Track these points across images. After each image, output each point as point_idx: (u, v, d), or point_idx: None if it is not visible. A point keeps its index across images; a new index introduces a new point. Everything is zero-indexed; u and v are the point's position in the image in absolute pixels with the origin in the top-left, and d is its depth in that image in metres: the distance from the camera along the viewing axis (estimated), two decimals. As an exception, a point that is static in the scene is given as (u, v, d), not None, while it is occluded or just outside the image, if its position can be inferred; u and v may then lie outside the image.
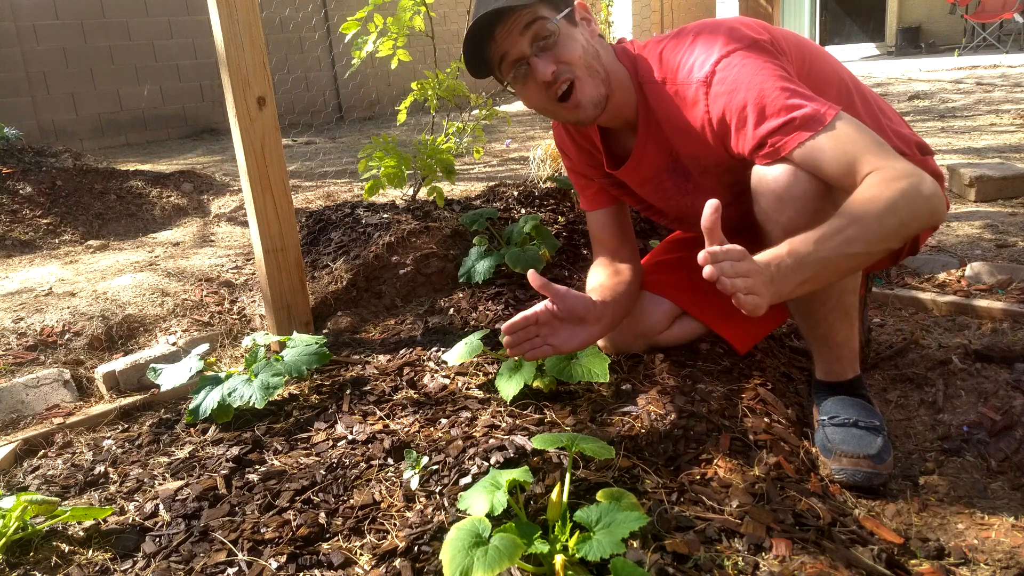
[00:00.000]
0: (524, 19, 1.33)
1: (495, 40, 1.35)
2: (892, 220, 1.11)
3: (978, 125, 4.93)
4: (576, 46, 1.35)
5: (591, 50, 1.38)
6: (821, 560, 1.03)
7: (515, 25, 1.33)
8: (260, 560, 1.10)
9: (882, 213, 1.11)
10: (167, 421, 1.69)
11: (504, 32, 1.34)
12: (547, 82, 1.35)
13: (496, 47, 1.36)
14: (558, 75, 1.34)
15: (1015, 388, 1.57)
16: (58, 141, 7.03)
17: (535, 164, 3.19)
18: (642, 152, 1.48)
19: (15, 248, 3.48)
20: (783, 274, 1.09)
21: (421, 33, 2.60)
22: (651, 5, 6.90)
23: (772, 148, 1.24)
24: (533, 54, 1.34)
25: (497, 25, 1.33)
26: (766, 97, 1.24)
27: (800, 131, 1.21)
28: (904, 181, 1.13)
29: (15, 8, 7.07)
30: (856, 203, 1.13)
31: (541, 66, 1.34)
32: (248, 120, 1.82)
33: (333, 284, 2.18)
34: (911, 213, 1.13)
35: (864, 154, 1.18)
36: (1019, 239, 2.58)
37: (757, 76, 1.26)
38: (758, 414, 1.44)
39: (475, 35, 1.35)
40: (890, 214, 1.11)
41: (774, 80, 1.25)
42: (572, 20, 1.37)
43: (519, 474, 1.03)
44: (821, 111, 1.21)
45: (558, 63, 1.34)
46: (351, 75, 8.42)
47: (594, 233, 1.69)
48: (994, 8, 10.31)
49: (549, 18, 1.33)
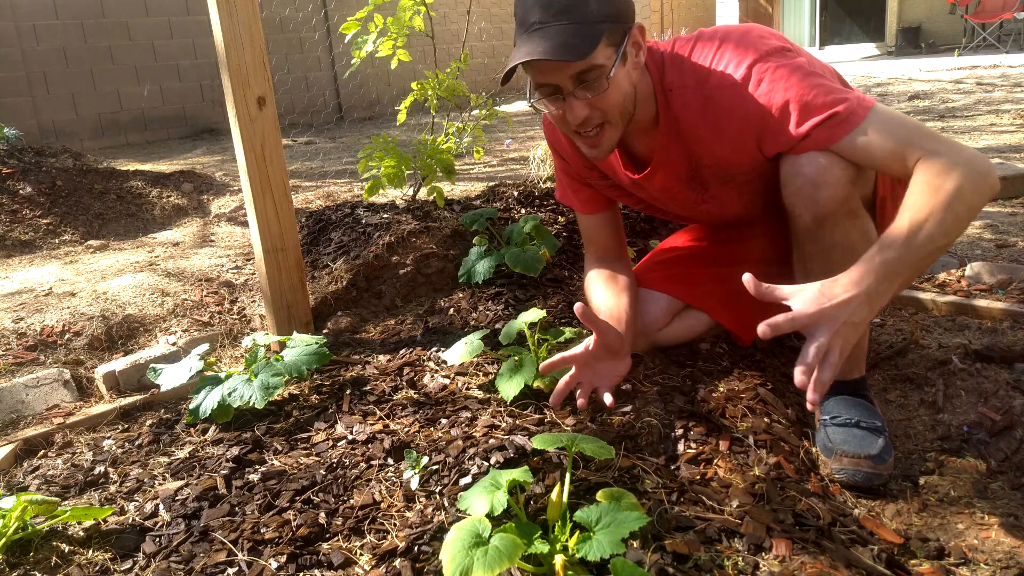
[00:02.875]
0: (582, 67, 1.24)
1: (542, 72, 1.27)
2: (961, 207, 1.14)
3: (978, 125, 4.93)
4: (619, 94, 1.29)
5: (630, 94, 1.32)
6: (821, 560, 1.03)
7: (569, 67, 1.24)
8: (260, 560, 1.10)
9: (951, 201, 1.13)
10: (167, 421, 1.69)
11: (554, 68, 1.25)
12: (578, 123, 1.31)
13: (540, 76, 1.29)
14: (590, 121, 1.30)
15: (1015, 388, 1.57)
16: (58, 141, 7.03)
17: (535, 164, 3.19)
18: (662, 160, 1.45)
19: (15, 248, 3.48)
20: (880, 284, 1.11)
21: (421, 33, 2.60)
22: (651, 5, 6.89)
23: (816, 142, 1.26)
24: (571, 91, 1.27)
25: (548, 63, 1.24)
26: (807, 95, 1.25)
27: (845, 124, 1.23)
28: (961, 167, 1.15)
29: (15, 8, 7.07)
30: (923, 196, 1.14)
31: (578, 109, 1.28)
32: (248, 120, 1.82)
33: (333, 284, 2.18)
34: (976, 195, 1.15)
35: (911, 139, 1.20)
36: (1019, 239, 2.58)
37: (794, 75, 1.27)
38: (758, 414, 1.44)
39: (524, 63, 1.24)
40: (958, 201, 1.13)
41: (811, 79, 1.26)
42: (624, 59, 1.29)
43: (519, 474, 1.03)
44: (863, 102, 1.24)
45: (594, 109, 1.29)
46: (351, 75, 8.42)
47: (588, 235, 1.69)
48: (994, 8, 10.32)
49: (606, 67, 1.25)
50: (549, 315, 1.83)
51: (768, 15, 2.43)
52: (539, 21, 1.22)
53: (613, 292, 1.57)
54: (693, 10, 12.04)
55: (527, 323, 1.53)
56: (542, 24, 1.22)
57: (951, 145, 1.19)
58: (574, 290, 2.05)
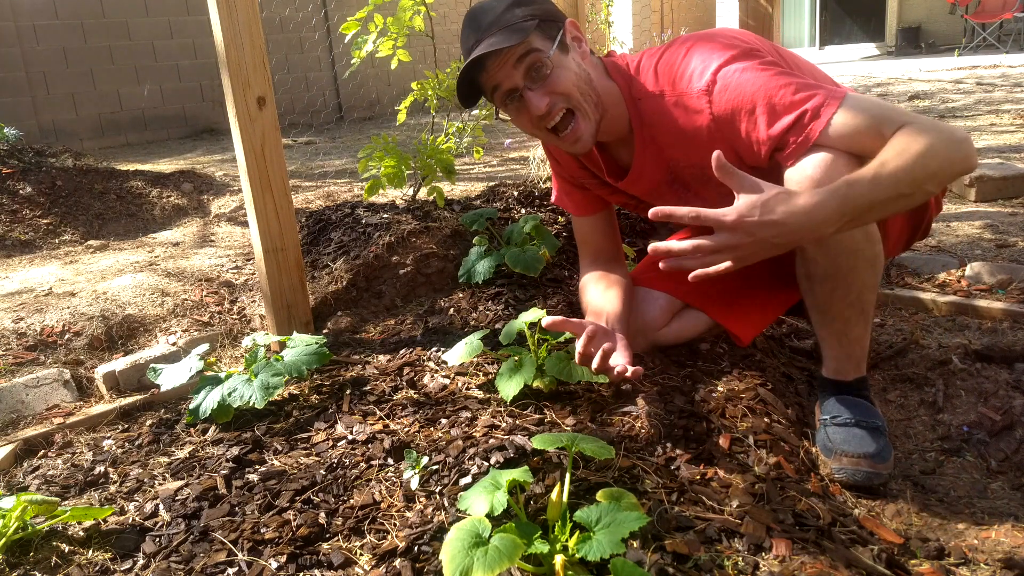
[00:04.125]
0: (518, 52, 1.33)
1: (487, 71, 1.36)
2: (932, 162, 1.14)
3: (978, 125, 4.93)
4: (569, 75, 1.35)
5: (583, 75, 1.37)
6: (821, 560, 1.03)
7: (509, 58, 1.33)
8: (260, 560, 1.10)
9: (923, 152, 1.13)
10: (167, 421, 1.69)
11: (497, 65, 1.34)
12: (541, 115, 1.36)
13: (488, 77, 1.37)
14: (552, 106, 1.35)
15: (1015, 388, 1.57)
16: (58, 141, 7.03)
17: (535, 164, 3.19)
18: (640, 168, 1.48)
19: (15, 248, 3.48)
20: (832, 215, 1.11)
21: (421, 33, 2.60)
22: (651, 5, 6.90)
23: (794, 146, 1.25)
24: (526, 86, 1.35)
25: (490, 59, 1.34)
26: (773, 96, 1.24)
27: (816, 120, 1.23)
28: (935, 129, 1.16)
29: (15, 8, 7.07)
30: (895, 147, 1.15)
31: (535, 100, 1.34)
32: (248, 120, 1.82)
33: (333, 284, 2.18)
34: (947, 155, 1.15)
35: (885, 115, 1.20)
36: (1019, 239, 2.58)
37: (759, 77, 1.26)
38: (758, 414, 1.44)
39: (468, 67, 1.35)
40: (930, 155, 1.14)
41: (777, 78, 1.26)
42: (564, 47, 1.37)
43: (519, 474, 1.03)
44: (834, 93, 1.23)
45: (551, 94, 1.34)
46: (351, 75, 8.41)
47: (583, 238, 1.69)
48: (994, 8, 10.32)
49: (544, 51, 1.33)
50: (549, 315, 1.82)
51: (768, 15, 2.43)
52: (475, 41, 1.34)
53: (602, 288, 1.58)
54: (693, 10, 12.05)
55: (527, 323, 1.53)
56: (477, 41, 1.34)
57: (928, 119, 1.20)
58: (574, 290, 2.05)
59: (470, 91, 1.41)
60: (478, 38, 1.34)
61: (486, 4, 1.37)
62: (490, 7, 1.36)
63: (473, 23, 1.37)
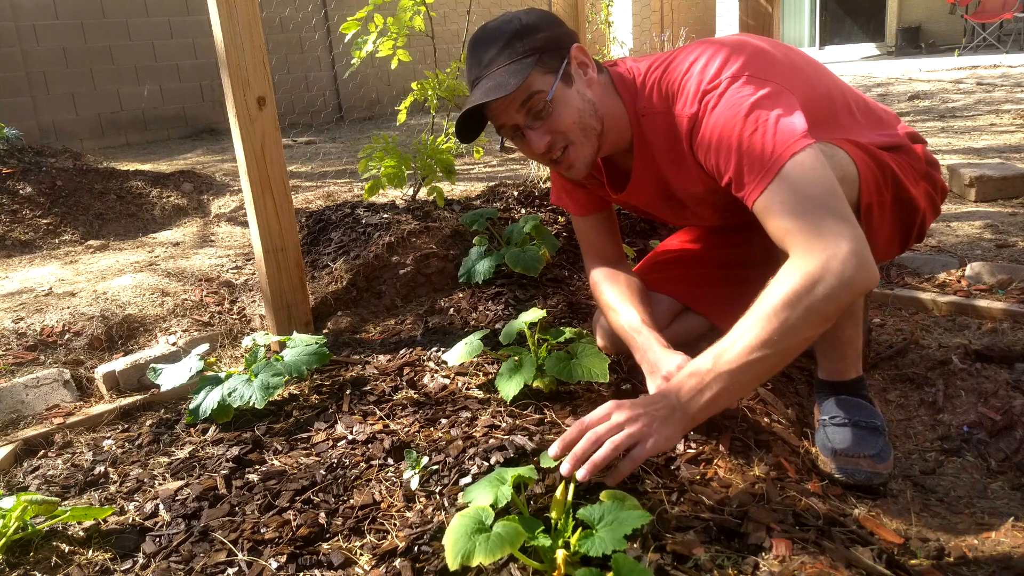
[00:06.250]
0: (519, 99, 1.31)
1: (490, 111, 1.36)
2: (806, 323, 1.09)
3: (978, 125, 4.93)
4: (571, 112, 1.33)
5: (586, 108, 1.35)
6: (821, 560, 1.03)
7: (510, 105, 1.32)
8: (260, 560, 1.10)
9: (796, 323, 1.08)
10: (167, 421, 1.69)
11: (499, 109, 1.34)
12: (541, 153, 1.36)
13: (491, 115, 1.37)
14: (552, 145, 1.35)
15: (1015, 388, 1.57)
16: (58, 141, 7.02)
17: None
18: (639, 182, 1.48)
19: (15, 248, 3.48)
20: (689, 396, 1.11)
21: (421, 33, 2.61)
22: (651, 5, 6.90)
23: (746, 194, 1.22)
24: (527, 125, 1.34)
25: (489, 104, 1.33)
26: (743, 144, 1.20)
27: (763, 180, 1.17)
28: (823, 277, 1.08)
29: (15, 8, 7.07)
30: (759, 307, 1.12)
31: (536, 139, 1.34)
32: (248, 120, 1.82)
33: (333, 284, 2.18)
34: (831, 304, 1.09)
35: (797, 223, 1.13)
36: (1019, 239, 2.58)
37: (736, 116, 1.21)
38: (758, 414, 1.44)
39: (467, 112, 1.34)
40: (804, 321, 1.09)
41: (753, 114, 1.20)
42: (568, 78, 1.33)
43: (524, 471, 1.03)
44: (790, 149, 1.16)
45: (552, 133, 1.34)
46: (351, 75, 8.42)
47: (587, 238, 1.69)
48: (994, 8, 10.31)
49: (545, 92, 1.30)
50: (549, 315, 1.83)
51: (768, 15, 2.43)
52: (477, 76, 1.33)
53: (621, 291, 1.55)
54: (693, 10, 12.05)
55: (527, 323, 1.53)
56: (479, 77, 1.33)
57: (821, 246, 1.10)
58: (574, 290, 2.05)
59: (471, 127, 1.40)
60: (479, 74, 1.32)
61: (488, 34, 1.34)
62: (492, 39, 1.33)
63: (475, 54, 1.35)
